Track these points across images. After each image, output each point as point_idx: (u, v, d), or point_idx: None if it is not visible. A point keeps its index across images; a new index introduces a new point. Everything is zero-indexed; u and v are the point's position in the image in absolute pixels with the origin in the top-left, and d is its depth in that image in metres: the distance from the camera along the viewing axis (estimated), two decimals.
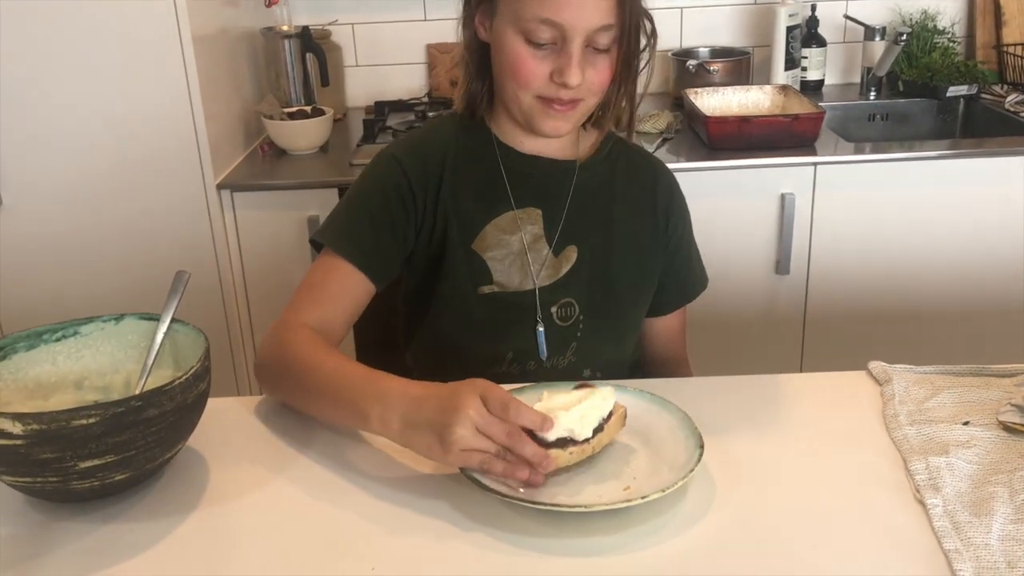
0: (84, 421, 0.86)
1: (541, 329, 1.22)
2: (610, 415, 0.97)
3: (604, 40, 1.10)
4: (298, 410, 1.09)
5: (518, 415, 0.89)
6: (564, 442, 0.92)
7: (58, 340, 1.05)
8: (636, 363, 1.36)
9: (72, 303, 1.97)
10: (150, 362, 1.03)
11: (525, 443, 0.89)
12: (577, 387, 1.00)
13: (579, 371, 1.25)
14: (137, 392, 1.01)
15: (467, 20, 1.19)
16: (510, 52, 1.12)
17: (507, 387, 0.96)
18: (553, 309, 1.22)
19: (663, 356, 1.38)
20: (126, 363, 1.07)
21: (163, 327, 1.04)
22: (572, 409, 0.93)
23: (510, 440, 0.89)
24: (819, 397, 1.13)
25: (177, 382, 0.92)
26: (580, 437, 0.93)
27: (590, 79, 1.12)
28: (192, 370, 0.94)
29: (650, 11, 1.16)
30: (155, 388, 0.91)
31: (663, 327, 1.36)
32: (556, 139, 1.20)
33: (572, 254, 1.23)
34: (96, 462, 0.89)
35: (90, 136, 1.90)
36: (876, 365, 1.18)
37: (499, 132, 1.23)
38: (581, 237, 1.24)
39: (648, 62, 1.19)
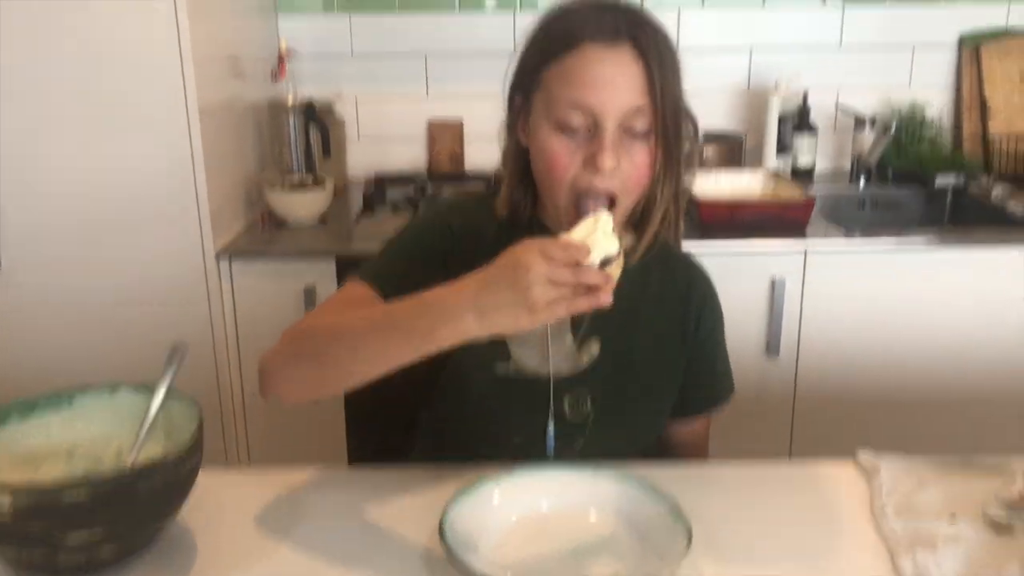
0: (74, 494, 0.86)
1: (551, 427, 1.19)
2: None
3: (639, 124, 1.07)
4: (330, 375, 1.04)
5: (580, 253, 0.92)
6: (606, 262, 0.96)
7: (53, 410, 1.06)
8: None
9: (69, 367, 1.97)
10: (143, 435, 1.03)
11: (590, 273, 0.92)
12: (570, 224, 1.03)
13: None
14: (128, 465, 1.01)
15: (510, 127, 1.18)
16: (544, 146, 1.10)
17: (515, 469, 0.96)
18: (566, 401, 1.20)
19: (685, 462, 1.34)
20: (119, 434, 1.07)
21: (157, 399, 1.04)
22: (594, 235, 0.97)
23: (578, 277, 0.91)
24: (808, 486, 1.14)
25: (169, 457, 0.93)
26: (614, 251, 0.97)
27: (626, 170, 1.08)
28: (185, 444, 0.95)
29: (693, 112, 1.14)
30: (146, 463, 0.92)
31: (685, 432, 1.33)
32: (619, 223, 1.14)
33: (594, 347, 1.21)
34: (84, 536, 0.89)
35: (92, 202, 1.93)
36: (864, 455, 1.18)
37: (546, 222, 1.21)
38: (606, 332, 1.21)
39: (691, 163, 1.15)
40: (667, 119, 1.08)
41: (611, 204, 1.07)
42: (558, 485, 1.08)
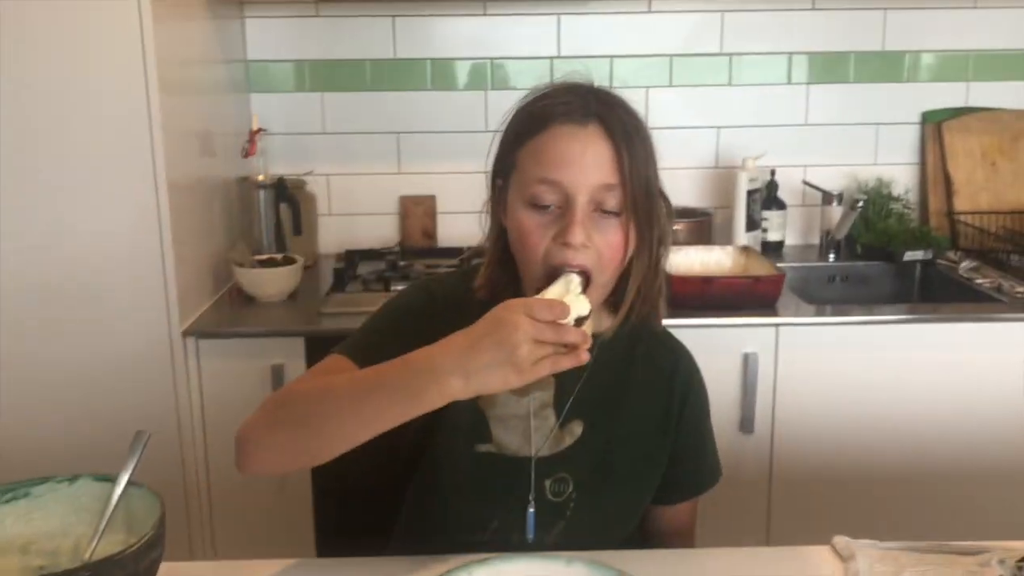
0: None
1: (532, 510, 1.18)
2: None
3: (610, 202, 1.09)
4: (314, 442, 1.01)
5: (564, 312, 0.95)
6: (580, 320, 0.99)
7: (8, 502, 1.02)
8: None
9: (26, 452, 1.91)
10: (102, 527, 1.00)
11: (571, 332, 0.95)
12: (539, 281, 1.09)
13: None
14: (87, 559, 0.97)
15: (492, 210, 1.20)
16: (518, 223, 1.12)
17: (489, 558, 0.94)
18: (547, 482, 1.19)
19: (670, 546, 1.32)
20: (77, 526, 1.04)
21: (118, 491, 1.01)
22: (568, 296, 1.01)
23: (559, 335, 0.94)
24: (783, 574, 1.12)
25: (129, 551, 0.90)
26: (586, 311, 1.00)
27: (599, 247, 1.09)
28: (145, 538, 0.92)
29: (666, 193, 1.15)
30: (105, 557, 0.89)
31: (669, 517, 1.31)
32: (596, 303, 1.14)
33: (577, 429, 1.20)
34: None
35: (54, 277, 1.89)
36: (840, 540, 1.17)
37: None
38: (589, 414, 1.21)
39: (665, 242, 1.16)
40: (637, 198, 1.09)
41: (586, 282, 1.07)
42: (532, 574, 1.05)
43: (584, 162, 1.08)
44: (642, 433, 1.23)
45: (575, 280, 1.04)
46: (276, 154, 2.55)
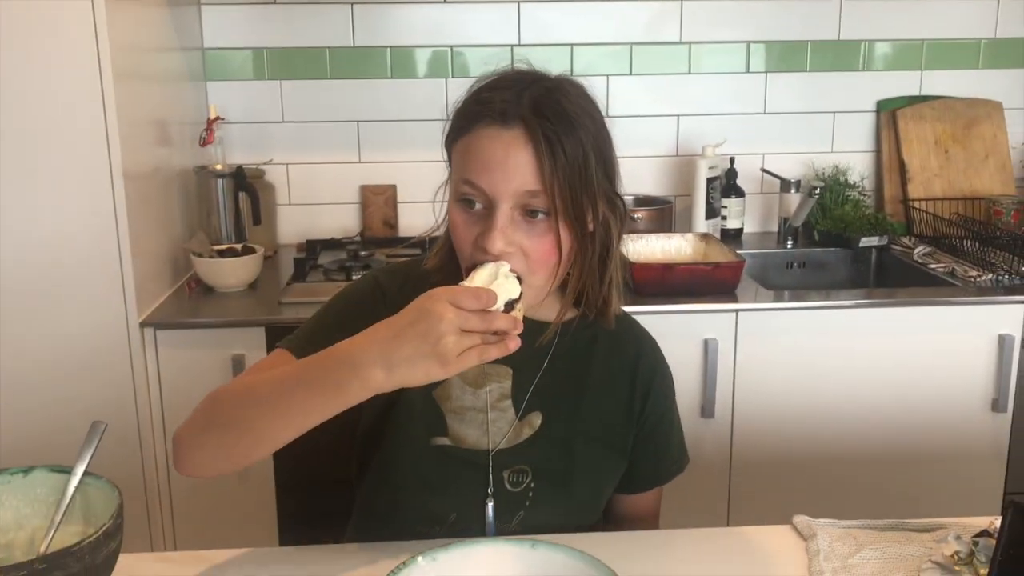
0: None
1: (491, 504, 1.17)
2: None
3: (537, 205, 1.05)
4: (245, 441, 1.00)
5: (490, 300, 0.93)
6: (510, 305, 0.97)
7: None
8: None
9: None
10: (58, 519, 0.98)
11: (499, 318, 0.93)
12: (466, 270, 1.06)
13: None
14: (42, 551, 0.96)
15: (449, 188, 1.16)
16: (450, 215, 1.11)
17: (449, 543, 0.94)
18: (505, 473, 1.18)
19: (634, 530, 1.31)
20: (32, 519, 1.02)
21: (74, 482, 0.99)
22: (499, 280, 0.99)
23: (487, 323, 0.92)
24: (746, 553, 1.13)
25: (86, 541, 0.88)
26: (516, 294, 0.98)
27: (526, 248, 1.06)
28: (103, 528, 0.90)
29: (620, 192, 1.12)
30: (61, 549, 0.87)
31: (633, 506, 1.30)
32: (535, 301, 1.12)
33: (536, 420, 1.19)
34: None
35: (8, 269, 1.86)
36: (800, 519, 1.18)
37: None
38: (548, 405, 1.19)
39: (612, 239, 1.14)
40: (563, 203, 1.05)
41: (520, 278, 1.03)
42: (495, 559, 1.05)
43: (506, 167, 1.04)
44: (603, 425, 1.22)
45: (505, 264, 1.02)
46: (234, 143, 2.52)
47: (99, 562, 0.91)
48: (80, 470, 1.00)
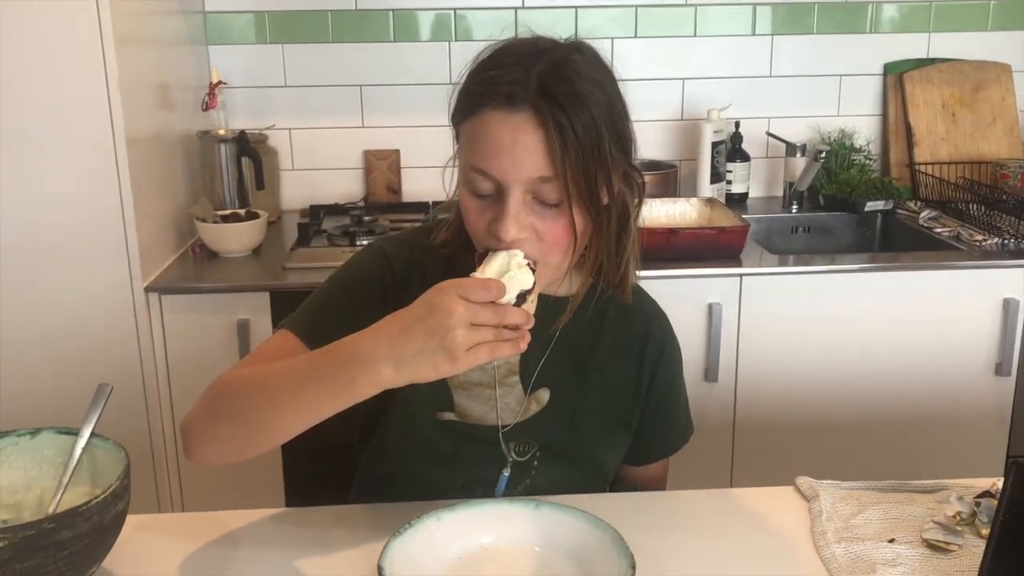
0: None
1: (506, 473, 1.16)
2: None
3: (550, 193, 1.01)
4: (252, 436, 1.00)
5: (500, 292, 0.90)
6: (523, 297, 0.94)
7: None
8: None
9: None
10: (66, 479, 0.99)
11: (511, 312, 0.90)
12: (478, 256, 1.03)
13: None
14: (50, 511, 0.97)
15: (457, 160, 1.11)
16: (461, 198, 1.07)
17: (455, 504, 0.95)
18: (512, 445, 1.17)
19: None
20: (40, 479, 1.03)
21: (81, 443, 1.00)
22: (508, 272, 0.96)
23: (499, 317, 0.89)
24: (749, 513, 1.14)
25: (94, 502, 0.89)
26: (528, 285, 0.95)
27: (540, 232, 1.03)
28: (111, 488, 0.91)
29: (636, 164, 1.08)
30: (70, 508, 0.88)
31: (642, 476, 1.30)
32: (551, 280, 1.10)
33: (544, 396, 1.17)
34: None
35: (14, 235, 1.86)
36: (803, 481, 1.19)
37: None
38: (556, 381, 1.18)
39: (629, 217, 1.10)
40: (576, 188, 1.00)
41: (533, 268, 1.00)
42: (500, 519, 1.06)
43: (515, 153, 0.99)
44: (610, 399, 1.21)
45: (518, 253, 0.98)
46: (236, 108, 2.51)
47: (107, 522, 0.92)
48: (87, 432, 1.01)
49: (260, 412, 0.98)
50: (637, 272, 1.17)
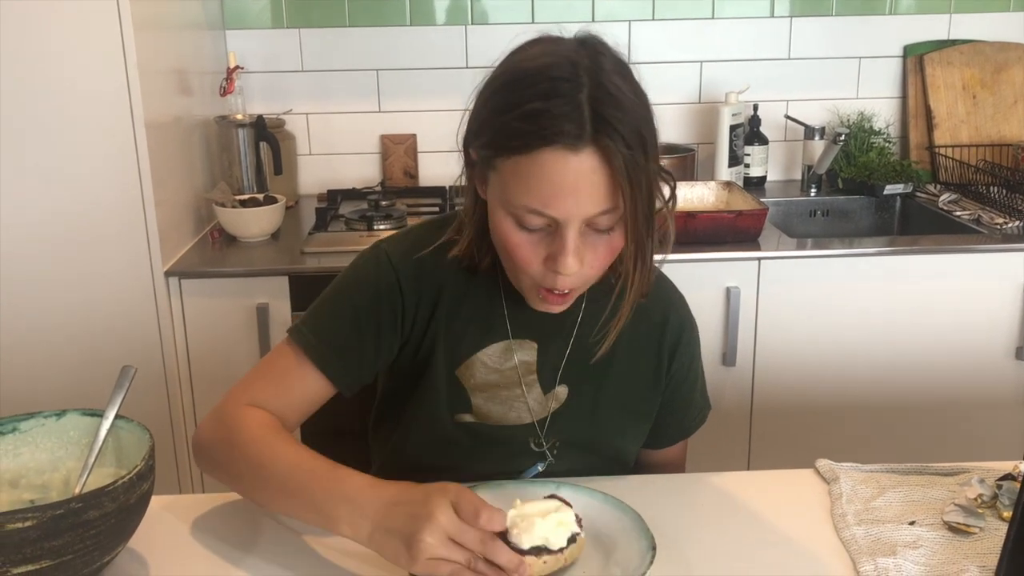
0: (20, 525, 0.83)
1: (540, 467, 1.16)
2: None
3: (605, 222, 0.98)
4: (246, 497, 1.06)
5: (491, 522, 0.88)
6: (539, 551, 0.91)
7: None
8: None
9: (13, 391, 1.92)
10: (91, 460, 1.00)
11: (500, 550, 0.87)
12: (548, 498, 0.99)
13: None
14: (77, 491, 0.98)
15: (467, 179, 1.08)
16: (503, 235, 1.01)
17: (476, 484, 0.96)
18: (531, 440, 1.17)
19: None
20: (66, 460, 1.04)
21: (106, 424, 1.01)
22: (548, 516, 0.92)
23: (484, 547, 0.87)
24: (768, 496, 1.14)
25: (120, 482, 0.90)
26: (555, 546, 0.92)
27: (590, 263, 1.01)
28: (136, 469, 0.92)
29: (668, 171, 1.04)
30: (96, 489, 0.89)
31: (662, 459, 1.30)
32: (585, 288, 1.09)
33: (562, 393, 1.17)
34: (30, 568, 0.86)
35: (36, 220, 1.88)
36: (823, 463, 1.19)
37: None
38: (575, 377, 1.17)
39: (670, 223, 1.06)
40: (638, 210, 0.97)
41: (579, 520, 0.97)
42: (519, 500, 1.06)
43: (578, 194, 0.95)
44: (630, 392, 1.20)
45: (569, 514, 0.94)
46: (254, 93, 2.52)
47: (133, 502, 0.93)
48: (112, 413, 1.02)
49: (256, 489, 1.04)
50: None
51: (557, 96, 0.94)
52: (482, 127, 1.01)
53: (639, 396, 1.21)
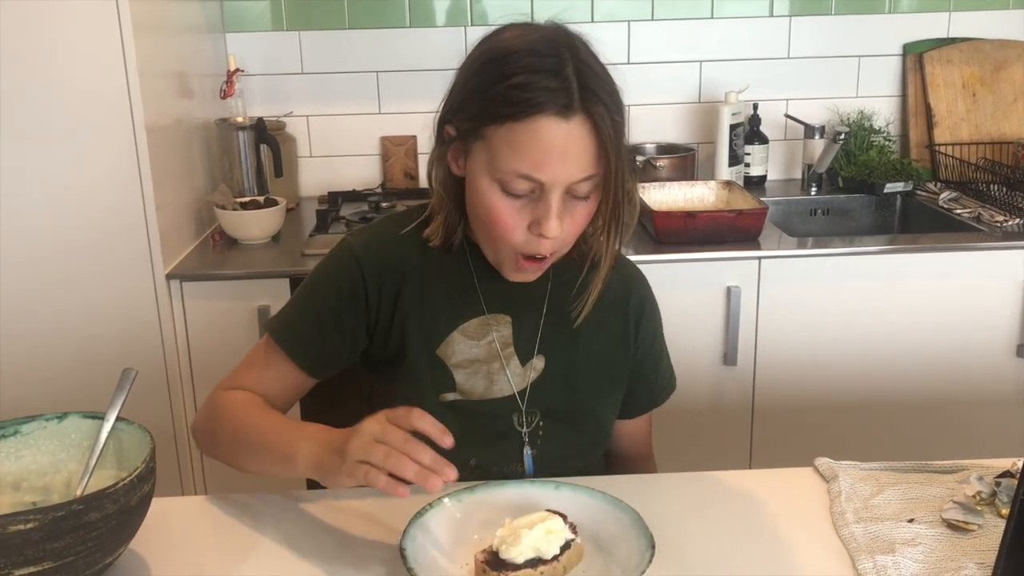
0: (21, 527, 0.84)
1: (529, 451, 1.20)
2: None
3: (585, 188, 1.06)
4: (233, 465, 1.15)
5: (421, 420, 0.95)
6: (534, 562, 0.93)
7: None
8: (601, 459, 1.34)
9: (14, 394, 1.92)
10: (93, 463, 1.01)
11: (422, 450, 0.93)
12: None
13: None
14: (78, 494, 0.98)
15: (439, 158, 1.14)
16: (487, 202, 1.07)
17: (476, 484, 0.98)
18: (515, 416, 1.20)
19: (629, 454, 1.36)
20: (67, 463, 1.05)
21: (107, 427, 1.02)
22: (536, 527, 0.94)
23: (406, 446, 0.93)
24: (768, 494, 1.14)
25: (121, 484, 0.90)
26: (548, 555, 0.94)
27: (568, 227, 1.08)
28: (136, 471, 0.93)
29: (633, 146, 1.13)
30: (97, 491, 0.89)
31: (630, 429, 1.34)
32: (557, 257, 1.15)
33: (540, 363, 1.21)
34: (32, 569, 0.86)
35: (36, 224, 1.88)
36: (822, 462, 1.19)
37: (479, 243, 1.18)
38: (549, 347, 1.22)
39: (632, 197, 1.12)
40: (616, 177, 1.05)
41: (573, 528, 1.00)
42: (519, 500, 1.07)
43: (567, 159, 1.02)
44: (603, 357, 1.25)
45: (557, 521, 0.96)
46: (254, 95, 2.52)
47: (134, 504, 0.93)
48: (112, 415, 1.02)
49: (242, 457, 1.14)
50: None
51: (545, 69, 1.02)
52: (467, 100, 1.08)
53: (612, 361, 1.26)
